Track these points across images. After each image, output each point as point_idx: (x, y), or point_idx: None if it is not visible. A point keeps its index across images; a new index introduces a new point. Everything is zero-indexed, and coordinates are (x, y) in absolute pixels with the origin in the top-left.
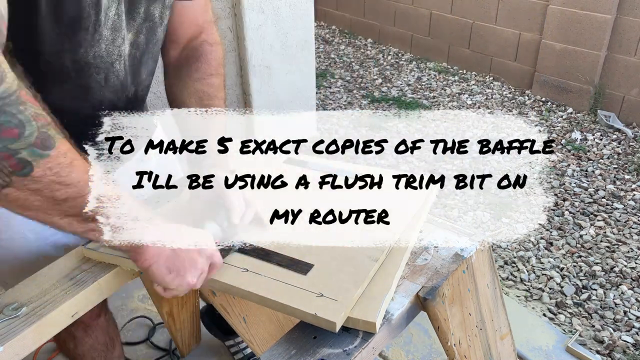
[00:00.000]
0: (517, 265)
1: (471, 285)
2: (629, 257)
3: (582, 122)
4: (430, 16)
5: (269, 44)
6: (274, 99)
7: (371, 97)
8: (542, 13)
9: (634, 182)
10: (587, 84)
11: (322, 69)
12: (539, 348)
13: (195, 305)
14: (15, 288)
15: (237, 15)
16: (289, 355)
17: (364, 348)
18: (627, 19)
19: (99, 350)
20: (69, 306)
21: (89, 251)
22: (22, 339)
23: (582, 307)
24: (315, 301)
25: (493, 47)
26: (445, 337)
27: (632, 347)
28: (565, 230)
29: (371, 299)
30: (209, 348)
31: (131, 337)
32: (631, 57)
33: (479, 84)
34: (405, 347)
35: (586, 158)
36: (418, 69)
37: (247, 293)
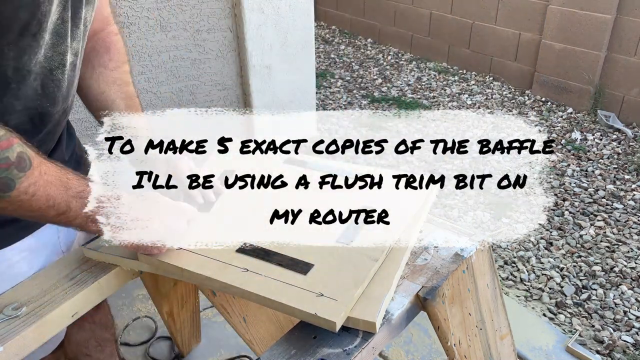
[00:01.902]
0: (517, 265)
1: (471, 285)
2: (629, 257)
3: (582, 122)
4: (430, 16)
5: (269, 44)
6: (274, 99)
7: (371, 97)
8: (542, 13)
9: (634, 182)
10: (587, 84)
11: (322, 69)
12: (539, 348)
13: (195, 305)
14: (15, 288)
15: (237, 15)
16: (289, 355)
17: (364, 348)
18: (627, 19)
19: (91, 347)
20: (69, 306)
21: (89, 251)
22: (22, 339)
23: (582, 307)
24: (315, 301)
25: (493, 47)
26: (445, 337)
27: (632, 347)
28: (565, 230)
29: (371, 299)
30: (209, 348)
31: (131, 338)
32: (631, 57)
33: (479, 84)
34: (405, 347)
35: (586, 158)
36: (418, 69)
37: (247, 293)
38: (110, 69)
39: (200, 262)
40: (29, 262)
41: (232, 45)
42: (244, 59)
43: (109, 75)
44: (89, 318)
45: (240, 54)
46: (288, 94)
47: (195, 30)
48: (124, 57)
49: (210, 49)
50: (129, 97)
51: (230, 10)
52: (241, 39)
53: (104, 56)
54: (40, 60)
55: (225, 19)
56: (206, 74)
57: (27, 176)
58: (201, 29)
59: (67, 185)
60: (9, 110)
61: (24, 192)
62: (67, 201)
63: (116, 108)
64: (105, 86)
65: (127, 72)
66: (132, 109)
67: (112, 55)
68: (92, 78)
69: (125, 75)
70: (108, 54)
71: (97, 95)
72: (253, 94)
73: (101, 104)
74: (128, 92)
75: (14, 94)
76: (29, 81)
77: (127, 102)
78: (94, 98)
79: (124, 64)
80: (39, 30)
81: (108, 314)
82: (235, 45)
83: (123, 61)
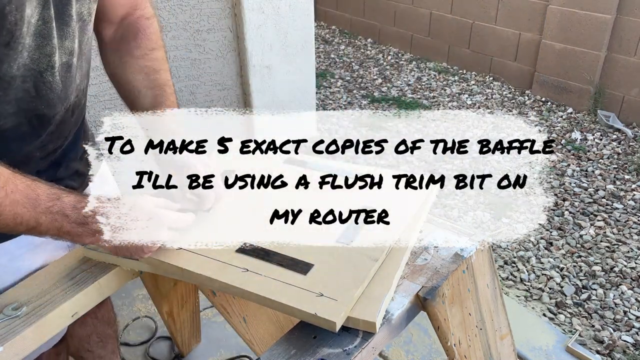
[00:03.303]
0: (517, 265)
1: (471, 285)
2: (629, 257)
3: (582, 122)
4: (430, 16)
5: (269, 44)
6: (274, 99)
7: (371, 97)
8: (542, 13)
9: (634, 182)
10: (587, 84)
11: (322, 69)
12: (539, 348)
13: (195, 305)
14: (15, 288)
15: (237, 15)
16: (289, 355)
17: (364, 348)
18: (627, 19)
19: (93, 343)
20: (69, 306)
21: (89, 251)
22: (22, 339)
23: (582, 307)
24: (315, 301)
25: (493, 47)
26: (445, 337)
27: (632, 347)
28: (565, 230)
29: (371, 299)
30: (209, 348)
31: (131, 338)
32: (631, 57)
33: (479, 84)
34: (405, 347)
35: (586, 158)
36: (418, 69)
37: (247, 293)
38: (137, 56)
39: (200, 262)
40: (31, 256)
41: (232, 45)
42: (244, 59)
43: (134, 63)
44: (91, 314)
45: (240, 54)
46: (288, 94)
47: (195, 30)
48: (154, 43)
49: (210, 49)
50: (158, 87)
51: (230, 10)
52: (241, 39)
53: (131, 43)
54: (25, 63)
55: (225, 19)
56: (206, 74)
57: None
58: (201, 29)
59: (36, 202)
60: (1, 114)
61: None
62: (36, 217)
63: (142, 99)
64: (131, 75)
65: (157, 59)
66: (159, 99)
67: (140, 41)
68: (119, 67)
69: (155, 62)
70: (135, 40)
71: (124, 85)
72: (253, 94)
73: (129, 95)
74: (157, 80)
75: (1, 99)
76: (16, 85)
77: (155, 91)
78: (122, 89)
79: (153, 51)
80: (12, 39)
81: (111, 311)
82: (235, 45)
83: (152, 47)
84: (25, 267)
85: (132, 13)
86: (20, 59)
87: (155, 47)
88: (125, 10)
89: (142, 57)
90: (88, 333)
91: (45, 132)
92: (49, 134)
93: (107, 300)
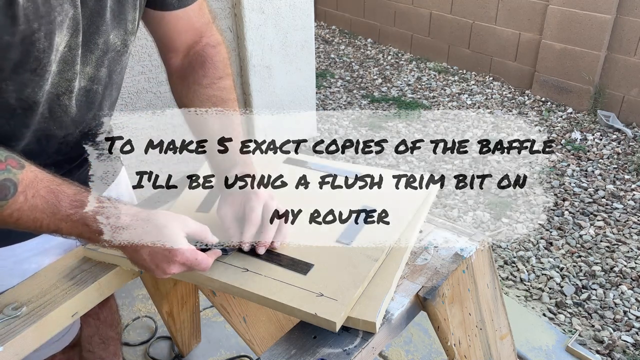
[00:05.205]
0: (517, 265)
1: (471, 285)
2: (628, 257)
3: (582, 122)
4: (430, 16)
5: (269, 44)
6: (274, 99)
7: (371, 97)
8: (542, 13)
9: (633, 182)
10: (587, 84)
11: (322, 69)
12: (539, 348)
13: (195, 305)
14: (15, 288)
15: (237, 15)
16: (289, 355)
17: (364, 348)
18: (627, 19)
19: (95, 344)
20: (69, 306)
21: (89, 251)
22: (22, 339)
23: (582, 307)
24: (315, 301)
25: (493, 47)
26: (445, 337)
27: (632, 347)
28: (565, 230)
29: (371, 299)
30: (209, 348)
31: (131, 338)
32: (631, 57)
33: (479, 84)
34: (405, 347)
35: (586, 158)
36: (418, 69)
37: (247, 293)
38: (204, 85)
39: None
40: (38, 260)
41: (232, 45)
42: (244, 59)
43: (202, 93)
44: (94, 315)
45: (240, 54)
46: (288, 94)
47: None
48: (221, 72)
49: None
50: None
51: (230, 10)
52: (241, 39)
53: (198, 72)
54: (47, 90)
55: (225, 19)
56: None
57: (9, 204)
58: None
59: (56, 208)
60: (17, 134)
61: (9, 216)
62: (55, 223)
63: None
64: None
65: (224, 88)
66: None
67: (207, 70)
68: (187, 97)
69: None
70: (203, 69)
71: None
72: (253, 94)
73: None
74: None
75: (20, 120)
76: (38, 110)
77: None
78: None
79: (220, 80)
80: (39, 66)
81: (115, 313)
82: (235, 45)
83: (220, 76)
84: (31, 270)
85: (199, 41)
86: (45, 86)
87: (223, 75)
88: (191, 39)
89: (209, 86)
90: (90, 334)
91: (51, 151)
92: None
93: (111, 302)
